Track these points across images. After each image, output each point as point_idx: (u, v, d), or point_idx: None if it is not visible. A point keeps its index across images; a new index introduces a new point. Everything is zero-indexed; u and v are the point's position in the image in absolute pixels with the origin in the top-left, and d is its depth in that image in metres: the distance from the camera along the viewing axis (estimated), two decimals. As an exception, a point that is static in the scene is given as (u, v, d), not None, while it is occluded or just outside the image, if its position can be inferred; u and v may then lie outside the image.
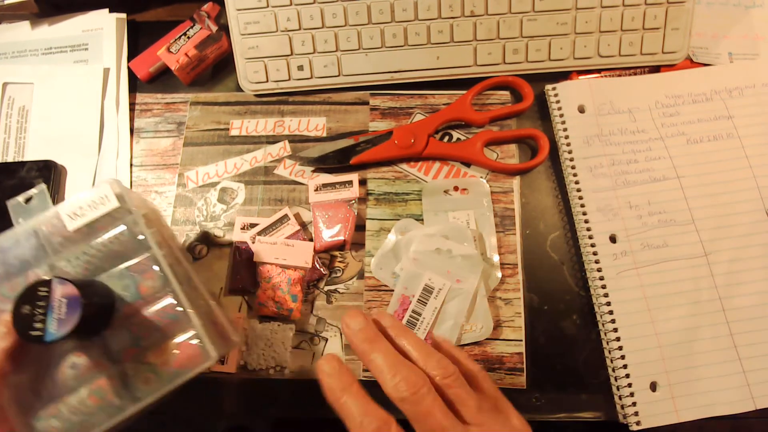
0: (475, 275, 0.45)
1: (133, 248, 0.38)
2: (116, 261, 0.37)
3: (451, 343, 0.36)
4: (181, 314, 0.36)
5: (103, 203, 0.37)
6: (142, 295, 0.37)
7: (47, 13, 0.57)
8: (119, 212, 0.38)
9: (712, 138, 0.49)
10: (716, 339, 0.43)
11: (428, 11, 0.51)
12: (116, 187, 0.38)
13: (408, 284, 0.46)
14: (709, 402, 0.42)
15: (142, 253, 0.37)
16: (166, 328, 0.36)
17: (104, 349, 0.36)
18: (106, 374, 0.35)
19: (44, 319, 0.32)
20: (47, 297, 0.32)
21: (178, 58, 0.53)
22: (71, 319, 0.32)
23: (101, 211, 0.37)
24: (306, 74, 0.53)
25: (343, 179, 0.49)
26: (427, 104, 0.53)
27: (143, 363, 0.36)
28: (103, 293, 0.36)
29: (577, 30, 0.51)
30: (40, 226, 0.38)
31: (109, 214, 0.38)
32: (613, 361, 0.43)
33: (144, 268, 0.37)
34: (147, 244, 0.37)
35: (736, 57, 0.52)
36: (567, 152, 0.49)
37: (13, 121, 0.55)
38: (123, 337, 0.36)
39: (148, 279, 0.37)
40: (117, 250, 0.37)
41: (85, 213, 0.37)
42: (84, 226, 0.37)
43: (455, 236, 0.47)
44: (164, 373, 0.36)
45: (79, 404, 0.35)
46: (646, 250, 0.46)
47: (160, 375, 0.36)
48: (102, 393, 0.35)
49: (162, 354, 0.36)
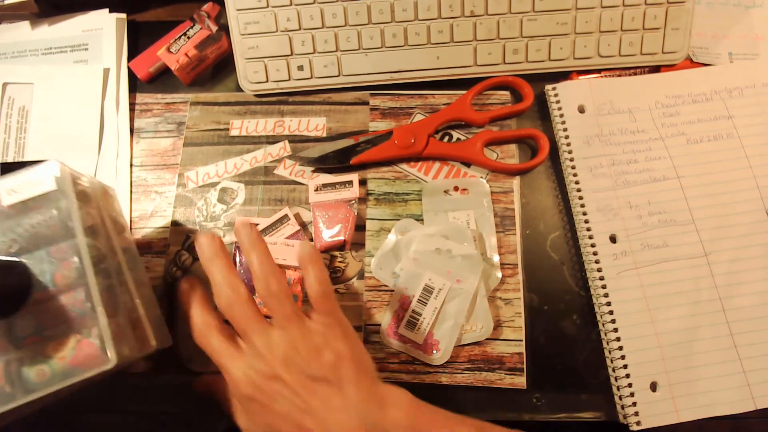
0: (475, 275, 0.45)
1: (61, 234, 0.36)
2: (41, 244, 0.36)
3: (311, 259, 0.39)
4: (89, 310, 0.35)
5: (41, 184, 0.36)
6: (56, 284, 0.36)
7: (47, 13, 0.57)
8: (56, 195, 0.37)
9: (712, 138, 0.49)
10: (716, 339, 0.43)
11: (428, 11, 0.51)
12: (56, 170, 0.37)
13: (408, 284, 0.46)
14: (710, 402, 0.42)
15: (67, 239, 0.36)
16: (72, 321, 0.35)
17: (7, 333, 0.35)
18: (4, 359, 0.34)
19: None
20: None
21: (178, 58, 0.52)
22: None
23: (38, 191, 0.36)
24: (306, 74, 0.53)
25: (343, 179, 0.49)
26: (427, 104, 0.53)
27: (41, 354, 0.35)
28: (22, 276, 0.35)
29: (577, 30, 0.51)
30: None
31: (46, 196, 0.37)
32: (614, 361, 0.43)
33: (64, 255, 0.36)
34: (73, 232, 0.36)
35: (736, 57, 0.52)
36: (567, 152, 0.49)
37: (13, 121, 0.54)
38: (28, 323, 0.35)
39: (65, 268, 0.36)
40: (44, 234, 0.36)
41: (21, 191, 0.36)
42: (19, 203, 0.36)
43: (455, 236, 0.47)
44: (59, 368, 0.34)
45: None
46: (646, 250, 0.45)
47: (54, 370, 0.34)
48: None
49: (61, 348, 0.35)
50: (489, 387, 0.45)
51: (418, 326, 0.45)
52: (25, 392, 0.34)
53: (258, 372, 0.37)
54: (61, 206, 0.36)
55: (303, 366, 0.36)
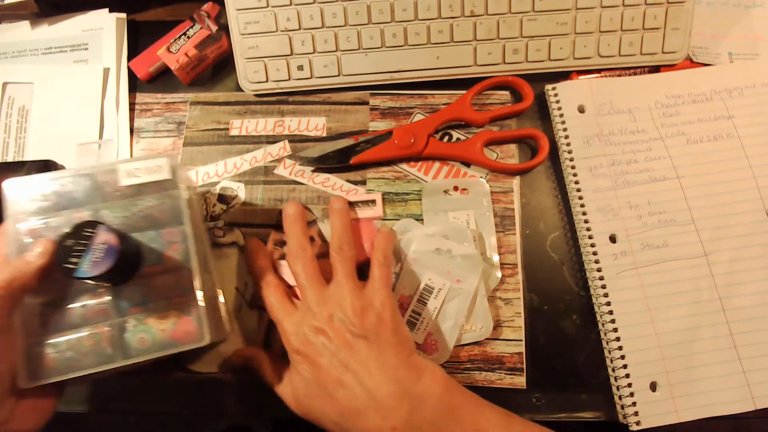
0: (475, 275, 0.45)
1: (169, 219, 0.41)
2: (151, 225, 0.40)
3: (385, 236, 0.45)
4: (190, 291, 0.39)
5: (158, 171, 0.41)
6: (164, 262, 0.39)
7: (47, 13, 0.57)
8: (168, 184, 0.41)
9: (712, 138, 0.48)
10: (716, 339, 0.43)
11: (428, 11, 0.50)
12: (172, 162, 0.41)
13: (408, 284, 0.46)
14: (709, 402, 0.42)
15: (175, 225, 0.40)
16: (173, 299, 0.39)
17: (115, 300, 0.39)
18: (109, 323, 0.38)
19: (81, 256, 0.35)
20: (90, 238, 0.35)
21: (178, 58, 0.52)
22: (103, 265, 0.34)
23: (154, 177, 0.41)
24: (306, 74, 0.53)
25: (366, 198, 0.49)
26: (427, 104, 0.53)
27: (143, 323, 0.38)
28: (135, 250, 0.39)
29: (577, 30, 0.51)
30: (99, 173, 0.41)
31: (160, 183, 0.41)
32: (613, 361, 0.43)
33: (172, 238, 0.40)
34: (181, 219, 0.40)
35: (736, 57, 0.52)
36: (567, 152, 0.49)
37: (13, 121, 0.54)
38: (135, 293, 0.39)
39: (173, 250, 0.40)
40: (155, 216, 0.40)
41: (139, 175, 0.41)
42: (135, 185, 0.41)
43: (455, 236, 0.47)
44: (159, 339, 0.38)
45: (77, 342, 0.37)
46: (646, 250, 0.45)
47: (155, 339, 0.38)
48: (99, 339, 0.38)
49: (163, 321, 0.38)
50: (489, 387, 0.44)
51: (418, 326, 0.45)
52: (125, 356, 0.37)
53: (307, 325, 0.40)
54: (173, 194, 0.41)
55: (347, 323, 0.39)
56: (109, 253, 0.35)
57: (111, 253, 0.35)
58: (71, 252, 0.35)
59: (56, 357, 0.37)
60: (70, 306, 0.38)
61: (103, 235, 0.35)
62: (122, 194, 0.41)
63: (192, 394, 0.45)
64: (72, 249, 0.35)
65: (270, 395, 0.42)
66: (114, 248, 0.35)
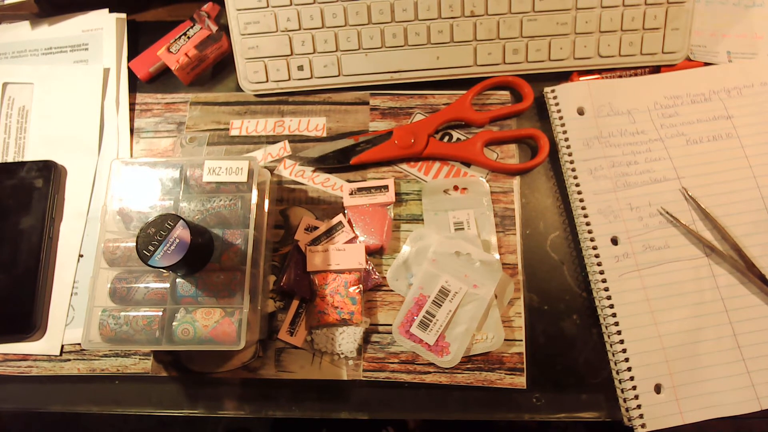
0: (492, 282, 0.42)
1: (236, 220, 0.40)
2: (219, 223, 0.40)
3: None
4: (237, 294, 0.39)
5: (237, 174, 0.41)
6: (222, 261, 0.39)
7: (47, 13, 0.54)
8: (244, 186, 0.41)
9: (711, 138, 0.46)
10: (720, 340, 0.40)
11: (428, 11, 0.47)
12: (251, 166, 0.41)
13: (424, 284, 0.43)
14: (714, 403, 0.39)
15: (240, 227, 0.40)
16: (221, 299, 0.39)
17: (173, 288, 0.39)
18: (164, 308, 0.39)
19: (156, 246, 0.36)
20: (168, 231, 0.36)
21: (178, 58, 0.49)
22: (173, 257, 0.35)
23: (232, 178, 0.41)
24: (306, 74, 0.49)
25: (378, 184, 0.46)
26: (427, 104, 0.50)
27: (190, 315, 0.38)
28: (205, 248, 0.38)
29: (577, 30, 0.48)
30: (188, 166, 0.41)
31: (237, 184, 0.41)
32: (617, 363, 0.40)
33: (234, 240, 0.39)
34: (247, 222, 0.40)
35: (734, 56, 0.49)
36: (567, 155, 0.46)
37: (13, 121, 0.51)
38: (190, 286, 0.39)
39: (232, 251, 0.39)
40: (224, 215, 0.40)
41: (220, 174, 0.41)
42: (214, 183, 0.41)
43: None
44: (200, 333, 0.38)
45: (132, 319, 0.38)
46: (648, 251, 0.42)
47: (196, 333, 0.38)
48: (152, 321, 0.38)
49: (207, 317, 0.38)
50: (489, 387, 0.42)
51: (431, 327, 0.42)
52: (168, 342, 0.38)
53: None
54: (245, 197, 0.41)
55: None
56: (180, 248, 0.35)
57: (182, 247, 0.35)
58: (151, 241, 0.36)
59: (114, 327, 0.38)
60: (137, 285, 0.39)
61: (179, 230, 0.36)
62: (201, 189, 0.41)
63: (192, 394, 0.43)
64: (152, 238, 0.36)
65: (270, 395, 0.40)
66: (185, 244, 0.35)
